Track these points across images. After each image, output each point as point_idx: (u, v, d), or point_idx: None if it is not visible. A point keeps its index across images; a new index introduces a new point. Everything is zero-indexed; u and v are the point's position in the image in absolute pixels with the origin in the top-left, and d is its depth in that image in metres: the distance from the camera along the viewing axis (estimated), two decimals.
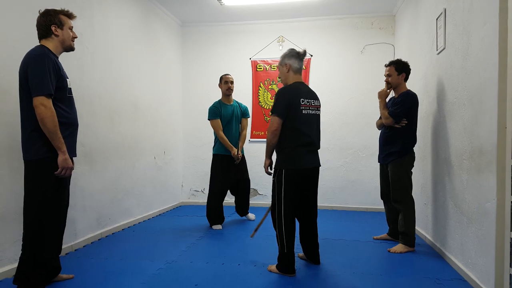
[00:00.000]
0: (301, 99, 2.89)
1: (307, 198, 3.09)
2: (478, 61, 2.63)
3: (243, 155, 4.67)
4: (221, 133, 4.43)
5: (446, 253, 3.27)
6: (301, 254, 3.30)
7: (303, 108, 2.89)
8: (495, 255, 2.36)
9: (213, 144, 4.69)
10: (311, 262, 3.18)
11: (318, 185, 3.16)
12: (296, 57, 3.01)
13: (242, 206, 4.85)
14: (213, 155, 4.59)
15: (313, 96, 3.02)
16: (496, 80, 2.34)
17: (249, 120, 5.43)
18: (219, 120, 4.45)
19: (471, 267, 2.74)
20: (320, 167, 3.12)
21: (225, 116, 4.50)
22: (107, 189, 4.11)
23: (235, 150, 4.45)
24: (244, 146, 4.86)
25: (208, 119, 4.54)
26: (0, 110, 2.76)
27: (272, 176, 3.02)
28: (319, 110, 3.06)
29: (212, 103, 4.60)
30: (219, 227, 4.45)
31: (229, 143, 4.43)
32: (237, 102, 4.73)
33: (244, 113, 4.69)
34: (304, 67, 5.68)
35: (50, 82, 2.34)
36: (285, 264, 2.91)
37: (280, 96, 2.89)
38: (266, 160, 3.05)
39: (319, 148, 3.07)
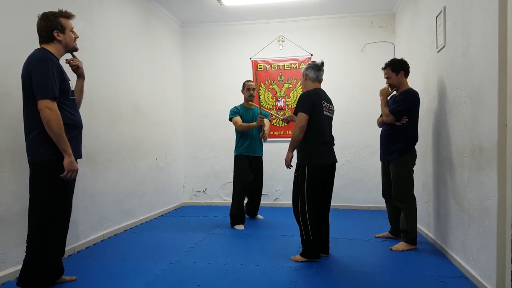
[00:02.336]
0: (323, 101, 3.24)
1: (325, 192, 3.37)
2: (478, 59, 2.64)
3: (261, 160, 4.78)
4: (241, 124, 4.52)
5: (448, 250, 3.27)
6: None
7: (324, 109, 3.24)
8: (497, 252, 2.36)
9: (234, 146, 4.75)
10: (322, 253, 3.35)
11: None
12: (313, 67, 3.34)
13: (253, 208, 4.94)
14: (236, 156, 4.64)
15: (330, 101, 3.38)
16: (496, 77, 2.34)
17: None
18: (238, 117, 4.58)
19: (473, 264, 2.75)
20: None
21: (246, 118, 4.61)
22: (109, 190, 4.12)
23: (255, 123, 4.51)
24: None
25: (229, 119, 4.64)
26: (1, 112, 2.77)
27: (294, 171, 3.28)
28: (333, 114, 3.41)
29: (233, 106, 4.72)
30: (241, 227, 4.44)
31: (250, 124, 4.53)
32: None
33: (264, 114, 4.75)
34: (304, 66, 5.76)
35: (54, 84, 2.36)
36: (312, 250, 3.20)
37: (305, 97, 3.20)
38: (289, 153, 3.30)
39: (334, 145, 3.38)
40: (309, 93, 3.21)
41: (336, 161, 3.37)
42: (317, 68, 3.33)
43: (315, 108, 3.17)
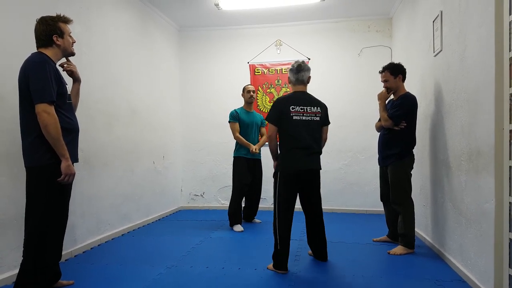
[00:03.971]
0: (291, 107, 3.11)
1: (308, 199, 3.27)
2: (474, 63, 2.65)
3: (260, 162, 4.80)
4: (237, 134, 4.62)
5: (445, 254, 3.28)
6: (310, 251, 3.49)
7: (293, 114, 3.10)
8: (494, 255, 2.36)
9: (231, 149, 4.81)
10: (319, 260, 3.35)
11: (319, 187, 3.29)
12: (292, 70, 3.24)
13: (251, 212, 4.96)
14: (235, 157, 4.69)
15: (311, 103, 3.19)
16: (493, 81, 2.36)
17: None
18: (236, 123, 4.65)
19: (471, 268, 2.75)
20: (320, 170, 3.26)
21: (244, 121, 4.66)
22: (106, 194, 4.10)
23: (252, 147, 4.60)
24: None
25: (228, 122, 4.71)
26: None
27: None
28: (318, 116, 3.18)
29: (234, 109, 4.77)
30: (240, 228, 4.50)
31: (246, 141, 4.60)
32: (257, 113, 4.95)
33: (262, 122, 4.86)
34: None
35: (52, 88, 2.35)
36: (277, 260, 3.08)
37: (273, 106, 3.18)
38: (273, 161, 3.28)
39: (317, 151, 3.19)
40: (277, 100, 3.17)
41: (315, 168, 3.18)
42: (295, 71, 3.20)
43: (282, 115, 3.09)
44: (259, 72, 5.98)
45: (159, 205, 5.42)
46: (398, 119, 3.49)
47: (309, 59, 5.82)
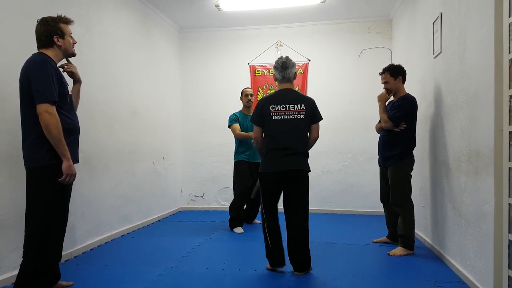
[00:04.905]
0: (271, 106, 3.03)
1: (291, 201, 3.10)
2: (474, 65, 2.66)
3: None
4: (239, 132, 4.56)
5: (445, 255, 3.28)
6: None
7: (273, 114, 3.02)
8: (494, 257, 2.36)
9: (232, 151, 4.79)
10: (295, 271, 3.04)
11: (306, 188, 3.07)
12: (276, 68, 3.16)
13: (252, 214, 4.95)
14: (236, 162, 4.66)
15: (296, 101, 3.05)
16: (492, 83, 2.36)
17: None
18: (237, 124, 4.62)
19: (470, 269, 2.75)
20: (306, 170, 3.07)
21: (244, 125, 4.63)
22: (106, 195, 4.11)
23: (252, 133, 4.56)
24: None
25: (228, 126, 4.67)
26: None
27: None
28: (302, 114, 3.02)
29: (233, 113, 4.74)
30: (240, 230, 4.50)
31: (247, 133, 4.51)
32: None
33: None
34: (301, 71, 5.80)
35: (53, 89, 2.36)
36: (272, 258, 3.09)
37: (255, 108, 3.15)
38: None
39: (300, 151, 3.04)
40: (260, 100, 3.12)
41: (296, 168, 3.00)
42: (280, 68, 3.10)
43: (264, 115, 3.03)
44: (259, 73, 5.99)
45: (159, 206, 5.42)
46: (398, 120, 3.50)
47: (309, 60, 5.83)
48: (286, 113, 3.02)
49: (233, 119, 4.65)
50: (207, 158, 6.15)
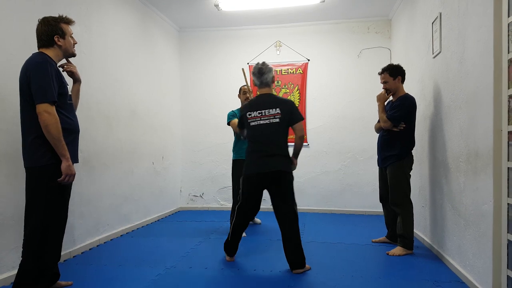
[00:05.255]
0: (248, 113, 3.20)
1: (276, 202, 3.18)
2: (473, 65, 2.66)
3: None
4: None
5: (444, 255, 3.28)
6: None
7: (250, 120, 3.19)
8: (492, 256, 2.37)
9: (231, 150, 4.70)
10: (291, 269, 3.09)
11: (288, 188, 3.13)
12: (254, 73, 3.28)
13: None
14: (234, 160, 4.56)
15: (271, 105, 3.15)
16: (491, 83, 2.36)
17: None
18: (236, 119, 4.51)
19: (469, 269, 2.75)
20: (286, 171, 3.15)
21: None
22: (106, 195, 4.10)
23: None
24: None
25: (227, 124, 4.60)
26: None
27: None
28: (277, 118, 3.12)
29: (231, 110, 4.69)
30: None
31: None
32: None
33: None
34: (301, 71, 5.81)
35: (53, 88, 2.35)
36: (227, 249, 3.38)
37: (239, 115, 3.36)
38: None
39: (278, 153, 3.13)
40: (240, 108, 3.29)
41: (273, 170, 3.08)
42: (257, 75, 3.23)
43: (243, 121, 3.26)
44: None
45: (158, 206, 5.42)
46: (397, 120, 3.50)
47: (308, 60, 5.83)
48: (262, 118, 3.15)
49: (231, 115, 4.59)
50: (207, 157, 6.15)
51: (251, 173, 3.15)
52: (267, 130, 3.13)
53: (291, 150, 3.23)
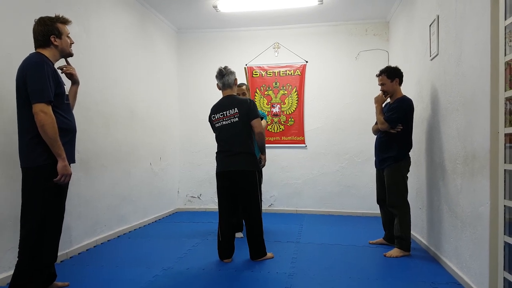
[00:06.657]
0: (212, 116, 3.43)
1: (240, 200, 3.39)
2: (471, 67, 2.67)
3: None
4: None
5: (441, 257, 3.29)
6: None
7: (215, 122, 3.42)
8: (489, 258, 2.38)
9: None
10: (251, 258, 3.40)
11: (251, 186, 3.33)
12: (216, 76, 3.47)
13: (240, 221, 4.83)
14: None
15: (230, 106, 3.35)
16: (488, 85, 2.37)
17: None
18: None
19: (466, 271, 2.76)
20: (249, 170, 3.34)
21: None
22: (103, 195, 4.10)
23: None
24: None
25: None
26: None
27: None
28: (236, 117, 3.32)
29: None
30: (240, 235, 4.36)
31: None
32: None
33: (262, 115, 4.74)
34: (299, 72, 5.82)
35: (49, 88, 2.35)
36: (220, 252, 3.40)
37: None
38: None
39: (240, 151, 3.32)
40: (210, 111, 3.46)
41: (235, 169, 3.31)
42: (219, 77, 3.44)
43: (211, 125, 3.49)
44: (257, 74, 5.99)
45: (156, 207, 5.41)
46: (395, 122, 3.51)
47: (306, 61, 5.84)
48: (225, 119, 3.35)
49: None
50: (204, 158, 6.14)
51: (219, 171, 3.39)
52: (231, 130, 3.33)
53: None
